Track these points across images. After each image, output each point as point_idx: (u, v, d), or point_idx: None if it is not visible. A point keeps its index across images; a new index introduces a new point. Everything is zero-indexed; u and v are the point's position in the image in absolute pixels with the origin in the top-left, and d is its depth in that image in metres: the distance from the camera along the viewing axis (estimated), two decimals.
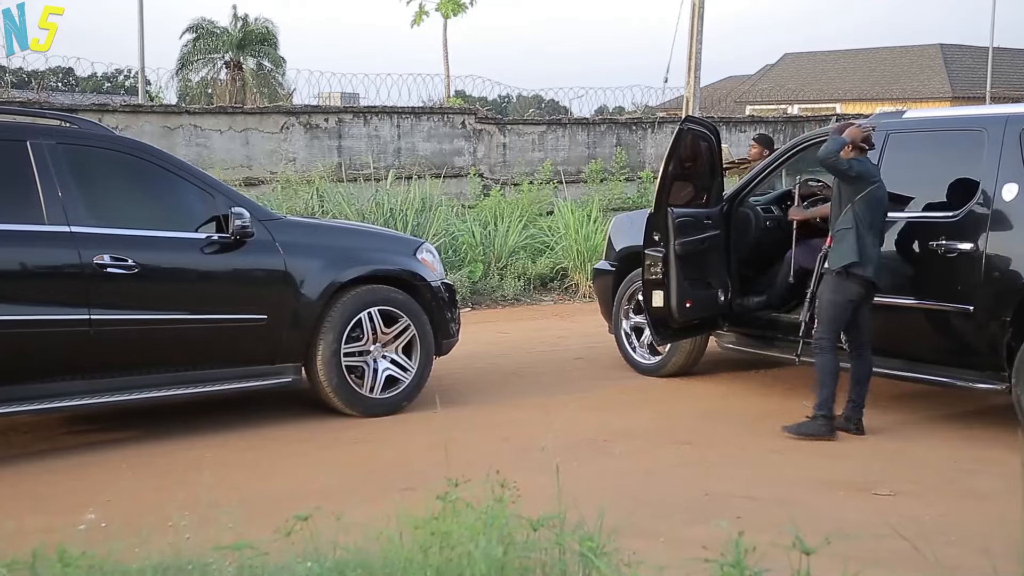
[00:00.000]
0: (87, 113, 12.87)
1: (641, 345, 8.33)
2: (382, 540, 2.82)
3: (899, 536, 3.56)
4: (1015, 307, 6.11)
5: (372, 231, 8.44)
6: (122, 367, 6.09)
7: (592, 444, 6.22)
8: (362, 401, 6.80)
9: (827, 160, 6.22)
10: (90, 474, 5.66)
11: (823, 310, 6.38)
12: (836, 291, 6.33)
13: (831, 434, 6.31)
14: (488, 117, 17.52)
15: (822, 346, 6.38)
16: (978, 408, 7.00)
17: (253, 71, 34.17)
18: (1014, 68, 37.92)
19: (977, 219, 6.32)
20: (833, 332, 6.36)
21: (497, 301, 12.36)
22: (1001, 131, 6.33)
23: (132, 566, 2.82)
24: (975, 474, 5.68)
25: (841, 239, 6.27)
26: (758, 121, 20.52)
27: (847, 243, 6.24)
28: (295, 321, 6.57)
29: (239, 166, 14.60)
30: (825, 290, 6.38)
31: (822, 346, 6.38)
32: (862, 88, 39.94)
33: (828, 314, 6.36)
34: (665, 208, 7.25)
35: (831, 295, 6.35)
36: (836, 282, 6.32)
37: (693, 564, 2.41)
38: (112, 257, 5.95)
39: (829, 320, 6.36)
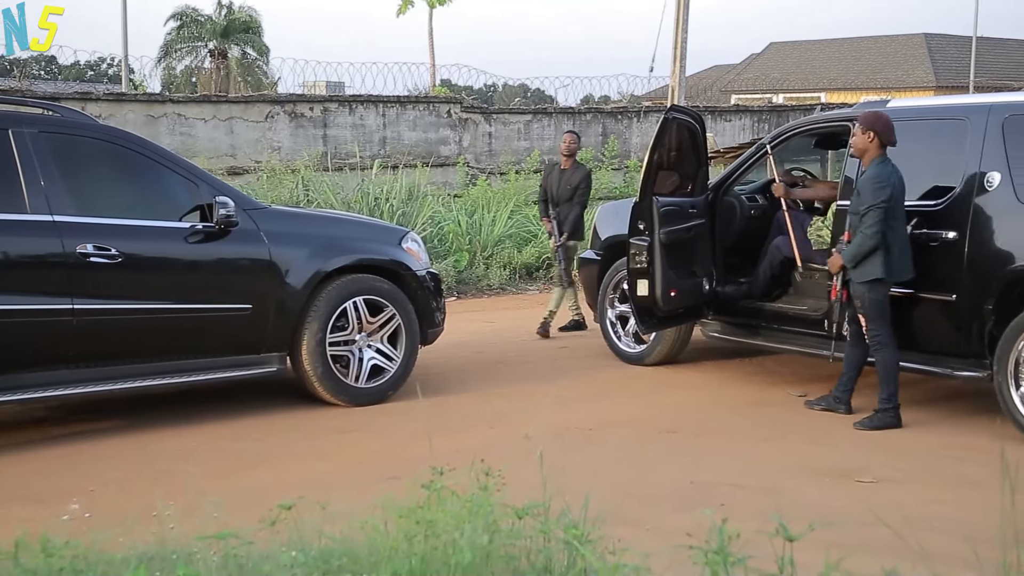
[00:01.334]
0: (70, 102, 12.79)
1: (626, 334, 8.35)
2: (367, 529, 2.82)
3: (882, 523, 3.58)
4: (997, 295, 6.15)
5: (357, 220, 8.42)
6: (106, 357, 6.07)
7: (577, 433, 6.23)
8: (347, 390, 6.80)
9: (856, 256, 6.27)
10: (74, 464, 5.64)
11: (869, 310, 6.32)
12: (872, 291, 6.30)
13: (900, 424, 6.33)
14: (474, 106, 17.49)
15: (881, 342, 6.34)
16: (961, 396, 7.04)
17: (237, 59, 34.02)
18: (997, 58, 38.04)
19: (960, 208, 6.34)
20: (886, 326, 6.33)
21: (483, 290, 12.36)
22: (984, 120, 6.36)
23: (116, 556, 2.82)
24: (958, 461, 5.72)
25: (864, 247, 6.21)
26: (743, 110, 20.54)
27: (874, 257, 6.21)
28: (280, 310, 6.55)
29: (223, 155, 14.53)
30: (861, 294, 6.33)
31: (881, 342, 6.34)
32: (847, 77, 40.01)
33: (875, 312, 6.32)
34: (650, 197, 7.25)
35: (871, 295, 6.30)
36: (867, 287, 6.30)
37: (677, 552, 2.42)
38: (95, 246, 5.92)
39: (879, 317, 6.33)
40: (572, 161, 9.42)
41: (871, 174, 6.25)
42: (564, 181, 9.34)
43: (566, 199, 9.31)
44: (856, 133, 6.38)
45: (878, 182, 6.19)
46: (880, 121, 6.32)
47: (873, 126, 6.29)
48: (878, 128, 6.29)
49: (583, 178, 9.34)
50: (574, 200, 9.30)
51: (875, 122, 6.31)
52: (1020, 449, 5.30)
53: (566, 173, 9.37)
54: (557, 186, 9.36)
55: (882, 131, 6.28)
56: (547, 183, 9.49)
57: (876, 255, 6.22)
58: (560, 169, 9.45)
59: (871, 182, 6.22)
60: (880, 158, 6.29)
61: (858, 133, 6.35)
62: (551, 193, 9.40)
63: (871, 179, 6.23)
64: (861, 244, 6.22)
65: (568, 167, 9.40)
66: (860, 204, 6.26)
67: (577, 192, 9.29)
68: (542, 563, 2.67)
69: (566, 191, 9.31)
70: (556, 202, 9.36)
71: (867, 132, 6.29)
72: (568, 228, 9.26)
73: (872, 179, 6.23)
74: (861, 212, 6.24)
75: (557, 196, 9.35)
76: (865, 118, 6.40)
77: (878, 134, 6.28)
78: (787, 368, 8.01)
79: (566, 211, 9.30)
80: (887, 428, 6.30)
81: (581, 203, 9.36)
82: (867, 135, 6.29)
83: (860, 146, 6.35)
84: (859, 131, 6.34)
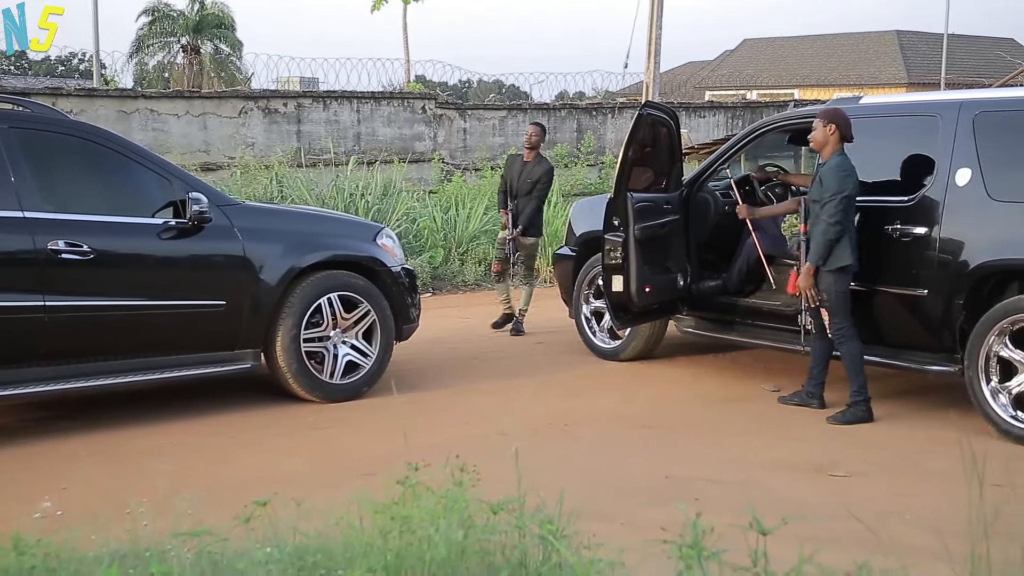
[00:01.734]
0: (40, 97, 12.68)
1: (601, 329, 8.38)
2: (342, 525, 2.82)
3: (854, 517, 3.61)
4: (968, 291, 6.20)
5: (332, 216, 8.40)
6: (78, 354, 6.03)
7: (553, 428, 6.25)
8: (322, 387, 6.78)
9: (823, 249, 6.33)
10: (46, 462, 5.60)
11: (834, 303, 6.41)
12: (838, 283, 6.39)
13: (872, 417, 6.39)
14: (448, 102, 17.47)
15: (844, 334, 6.42)
16: (931, 390, 7.11)
17: (210, 55, 33.79)
18: (968, 55, 38.35)
19: (931, 204, 6.40)
20: (848, 320, 6.42)
21: (458, 286, 12.36)
22: (955, 117, 6.41)
23: (89, 554, 2.80)
24: (928, 455, 5.77)
25: (830, 236, 6.28)
26: (717, 106, 20.63)
27: (842, 243, 6.30)
28: (254, 307, 6.53)
29: (197, 151, 14.46)
30: (828, 285, 6.41)
31: (844, 334, 6.42)
32: (820, 74, 40.24)
33: (839, 305, 6.41)
34: (625, 193, 7.27)
35: (838, 286, 6.39)
36: (836, 276, 6.38)
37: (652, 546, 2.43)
38: (67, 243, 5.88)
39: (842, 310, 6.42)
40: (535, 154, 9.27)
41: (835, 163, 6.37)
42: (525, 174, 9.19)
43: (525, 192, 9.16)
44: (817, 127, 6.49)
45: (843, 171, 6.32)
46: (841, 116, 6.47)
47: (833, 119, 6.43)
48: (838, 121, 6.42)
49: (544, 173, 9.19)
50: (532, 194, 9.14)
51: (835, 116, 6.46)
52: (989, 443, 5.36)
53: (528, 166, 9.23)
54: (518, 178, 9.22)
55: (842, 125, 6.42)
56: (508, 174, 9.37)
57: (842, 243, 6.32)
58: (523, 161, 9.30)
59: (836, 171, 6.33)
60: (840, 151, 6.41)
61: (819, 127, 6.47)
62: (511, 184, 9.27)
63: (835, 168, 6.34)
64: (825, 234, 6.31)
65: (531, 159, 9.26)
66: (823, 192, 6.36)
67: (537, 186, 9.14)
68: (517, 558, 2.67)
69: (526, 184, 9.16)
70: (515, 194, 9.22)
71: (828, 125, 6.42)
72: (523, 222, 9.10)
73: (836, 168, 6.34)
74: (824, 200, 6.33)
75: (517, 188, 9.21)
76: (825, 112, 6.54)
77: (839, 127, 6.41)
78: (761, 363, 8.06)
79: (523, 204, 9.16)
80: (860, 422, 6.35)
81: (539, 197, 9.21)
82: (828, 128, 6.42)
83: (821, 139, 6.46)
84: (819, 125, 6.47)
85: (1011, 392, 5.98)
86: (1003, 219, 6.11)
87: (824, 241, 6.32)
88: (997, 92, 7.49)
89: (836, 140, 6.42)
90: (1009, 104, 6.47)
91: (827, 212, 6.30)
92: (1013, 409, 5.96)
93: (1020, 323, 5.91)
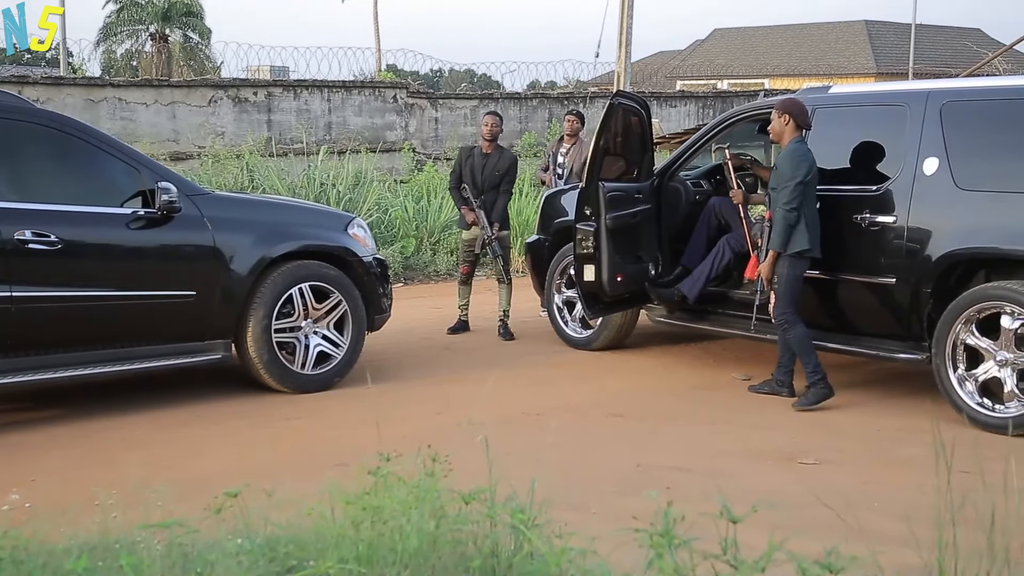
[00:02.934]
0: (6, 85, 12.53)
1: (573, 319, 8.39)
2: (314, 516, 2.81)
3: (823, 504, 3.64)
4: (935, 279, 6.26)
5: (303, 206, 8.36)
6: (46, 345, 5.97)
7: (524, 418, 6.26)
8: (294, 377, 6.76)
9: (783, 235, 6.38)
10: (14, 454, 5.55)
11: (782, 287, 6.49)
12: (793, 268, 6.47)
13: (832, 392, 6.47)
14: (420, 91, 17.42)
15: (788, 320, 6.50)
16: (899, 378, 7.17)
17: (179, 43, 33.51)
18: (935, 45, 38.65)
19: (899, 193, 6.45)
20: (794, 306, 6.51)
21: (430, 276, 12.34)
22: (923, 106, 6.46)
23: (58, 546, 2.78)
24: (897, 442, 5.83)
25: (789, 221, 6.36)
26: (688, 96, 20.68)
27: (799, 228, 6.38)
28: (225, 297, 6.49)
29: (166, 140, 14.34)
30: (783, 269, 6.48)
31: (788, 320, 6.50)
32: (790, 64, 40.44)
33: (788, 290, 6.49)
34: (596, 183, 7.28)
35: (789, 273, 6.47)
36: (791, 261, 6.45)
37: (623, 535, 2.44)
38: (34, 233, 5.82)
39: (790, 296, 6.50)
40: (494, 145, 8.73)
41: (789, 150, 6.47)
42: (490, 167, 8.65)
43: (492, 186, 8.65)
44: (773, 118, 6.59)
45: (797, 156, 6.41)
46: (796, 105, 6.58)
47: (789, 110, 6.53)
48: (794, 111, 6.53)
49: (511, 163, 8.73)
50: (501, 187, 8.66)
51: (791, 106, 6.56)
52: (956, 429, 5.40)
53: (490, 158, 8.69)
54: (481, 172, 8.65)
55: (797, 114, 6.53)
56: (465, 168, 8.72)
57: (799, 228, 6.39)
58: (482, 153, 8.73)
59: (789, 157, 6.43)
60: (797, 139, 6.50)
61: (775, 118, 6.57)
62: (473, 179, 8.66)
63: (789, 154, 6.44)
64: (784, 220, 6.38)
65: (491, 151, 8.71)
66: (779, 179, 6.44)
67: (505, 179, 8.68)
68: (489, 548, 2.68)
69: (493, 177, 8.64)
70: (480, 189, 8.65)
71: (783, 116, 6.53)
72: (497, 218, 8.67)
73: (791, 154, 6.43)
74: (780, 187, 6.40)
75: (482, 183, 8.64)
76: (781, 104, 6.64)
77: (793, 116, 6.51)
78: (732, 352, 8.10)
79: (492, 199, 8.67)
80: (823, 400, 6.44)
81: (508, 191, 8.78)
82: (783, 118, 6.53)
83: (778, 130, 6.57)
84: (776, 116, 6.57)
85: (977, 379, 6.05)
86: (970, 208, 6.17)
87: (784, 227, 6.38)
88: (964, 82, 7.55)
89: (792, 129, 6.51)
90: (975, 94, 6.53)
91: (783, 198, 6.37)
92: (980, 396, 6.03)
93: (986, 311, 5.98)
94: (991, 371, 6.00)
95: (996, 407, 5.97)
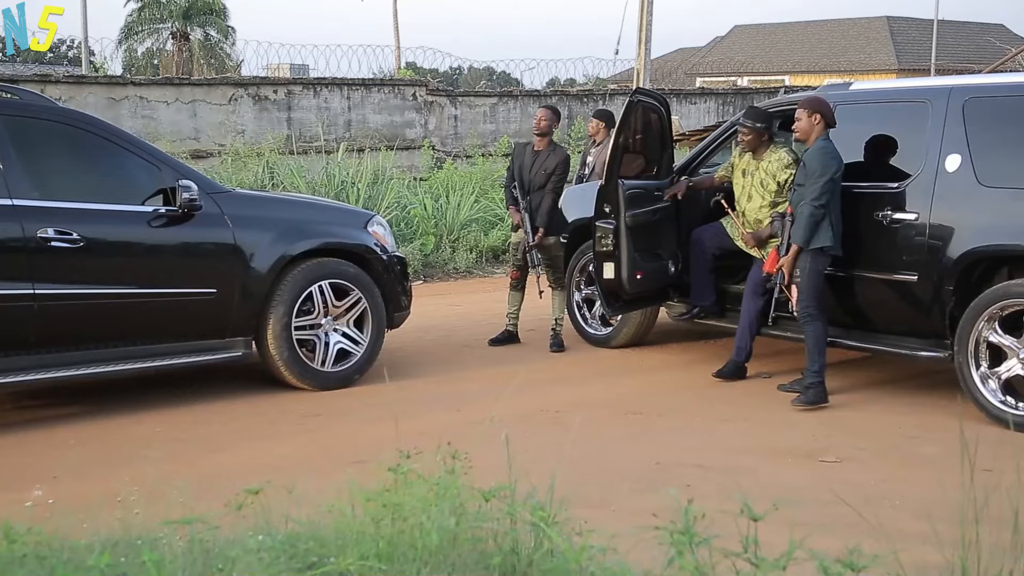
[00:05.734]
0: (29, 84, 12.62)
1: (592, 317, 8.38)
2: (334, 513, 2.82)
3: (844, 502, 3.62)
4: (957, 276, 6.22)
5: (322, 204, 8.38)
6: (68, 342, 6.01)
7: (544, 415, 6.25)
8: (314, 375, 6.78)
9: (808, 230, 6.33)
10: (37, 451, 5.59)
11: (805, 281, 6.46)
12: (815, 263, 6.44)
13: (827, 399, 6.45)
14: (439, 89, 17.44)
15: (810, 315, 6.47)
16: (921, 376, 7.13)
17: (200, 42, 33.62)
18: (957, 41, 38.40)
19: (921, 189, 6.41)
20: (817, 301, 6.48)
21: (449, 274, 12.35)
22: (945, 103, 6.42)
23: (80, 542, 2.80)
24: (918, 440, 5.79)
25: (816, 217, 6.32)
26: (708, 93, 20.61)
27: (824, 225, 6.35)
28: (245, 295, 6.52)
29: (187, 138, 14.42)
30: (805, 263, 6.45)
31: (810, 315, 6.47)
32: (810, 60, 40.25)
33: (812, 284, 6.46)
34: (615, 180, 7.27)
35: (812, 267, 6.44)
36: (812, 256, 6.42)
37: (643, 532, 2.44)
38: (56, 231, 5.86)
39: (813, 290, 6.46)
40: (547, 141, 8.07)
41: (819, 147, 6.42)
42: (538, 165, 7.98)
43: (539, 186, 7.96)
44: (801, 117, 6.53)
45: (827, 153, 6.37)
46: (824, 104, 6.54)
47: (818, 108, 6.49)
48: (823, 110, 6.48)
49: (561, 162, 7.97)
50: (547, 187, 7.93)
51: (819, 105, 6.52)
52: (978, 428, 5.38)
53: (540, 155, 8.02)
54: (530, 170, 8.01)
55: (826, 113, 6.49)
56: (515, 166, 8.13)
57: (824, 224, 6.36)
58: (533, 150, 8.09)
59: (820, 153, 6.38)
60: (824, 136, 6.46)
61: (803, 117, 6.51)
62: (521, 178, 8.05)
63: (819, 150, 6.40)
64: (811, 216, 6.33)
65: (543, 148, 8.05)
66: (807, 176, 6.40)
67: (552, 178, 7.94)
68: (509, 545, 2.68)
69: (540, 176, 7.96)
70: (527, 189, 7.99)
71: (813, 115, 6.48)
72: (541, 222, 7.91)
73: (821, 151, 6.39)
74: (808, 183, 6.38)
75: (529, 182, 7.99)
76: (809, 102, 6.58)
77: (823, 116, 6.47)
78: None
79: (537, 200, 7.96)
80: (818, 403, 6.41)
81: (555, 191, 8.00)
82: (813, 117, 6.48)
83: (806, 129, 6.51)
84: (804, 115, 6.51)
85: (1000, 377, 6.01)
86: (992, 205, 6.13)
87: (809, 223, 6.34)
88: (987, 78, 7.48)
89: (821, 128, 6.47)
90: (998, 90, 6.47)
91: (812, 193, 6.33)
92: (1003, 394, 5.99)
93: (1009, 308, 5.93)
94: (1014, 369, 5.95)
95: (1019, 405, 5.93)
